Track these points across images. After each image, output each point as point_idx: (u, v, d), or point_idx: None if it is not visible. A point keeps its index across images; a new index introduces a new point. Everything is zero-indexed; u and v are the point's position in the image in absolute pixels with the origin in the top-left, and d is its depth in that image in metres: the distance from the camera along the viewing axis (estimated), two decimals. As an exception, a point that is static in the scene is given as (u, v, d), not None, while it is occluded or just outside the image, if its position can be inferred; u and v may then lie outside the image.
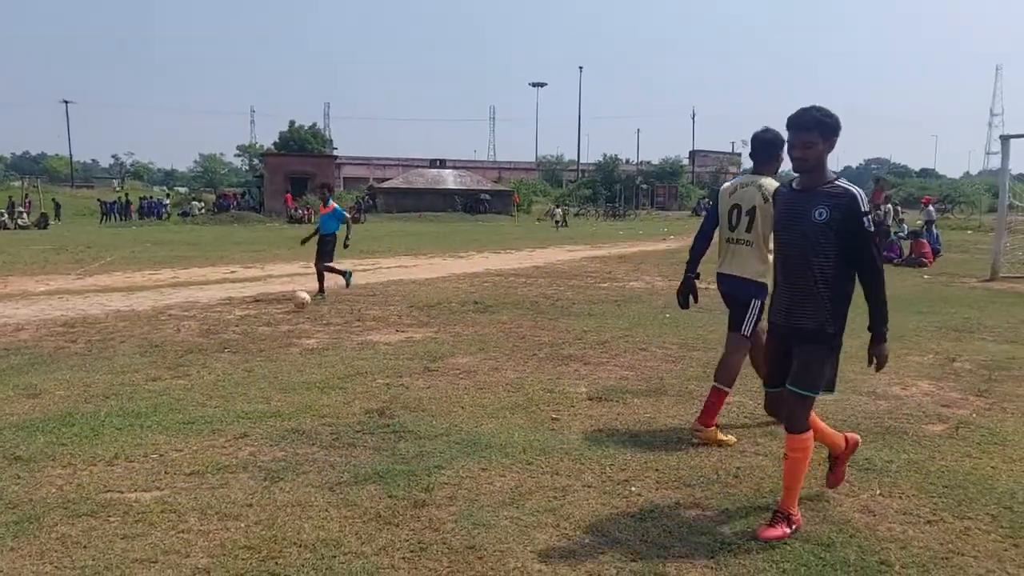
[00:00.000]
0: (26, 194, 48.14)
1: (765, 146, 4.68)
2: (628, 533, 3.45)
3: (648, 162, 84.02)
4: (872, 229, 3.35)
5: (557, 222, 40.02)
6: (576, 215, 53.20)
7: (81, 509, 3.59)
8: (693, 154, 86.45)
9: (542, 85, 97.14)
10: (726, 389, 4.82)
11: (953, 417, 5.23)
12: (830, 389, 3.55)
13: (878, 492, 3.91)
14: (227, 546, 3.24)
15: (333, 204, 12.10)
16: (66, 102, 77.88)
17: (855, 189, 3.36)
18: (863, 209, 3.33)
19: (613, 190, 65.89)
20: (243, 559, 3.13)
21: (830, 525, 3.51)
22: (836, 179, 3.41)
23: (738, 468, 4.25)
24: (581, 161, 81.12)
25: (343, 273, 12.12)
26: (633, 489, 3.95)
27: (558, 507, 3.71)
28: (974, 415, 5.29)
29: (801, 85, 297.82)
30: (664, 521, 3.57)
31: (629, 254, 20.92)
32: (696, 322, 9.17)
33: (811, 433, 3.54)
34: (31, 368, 6.68)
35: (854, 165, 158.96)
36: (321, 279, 11.65)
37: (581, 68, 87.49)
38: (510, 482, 4.03)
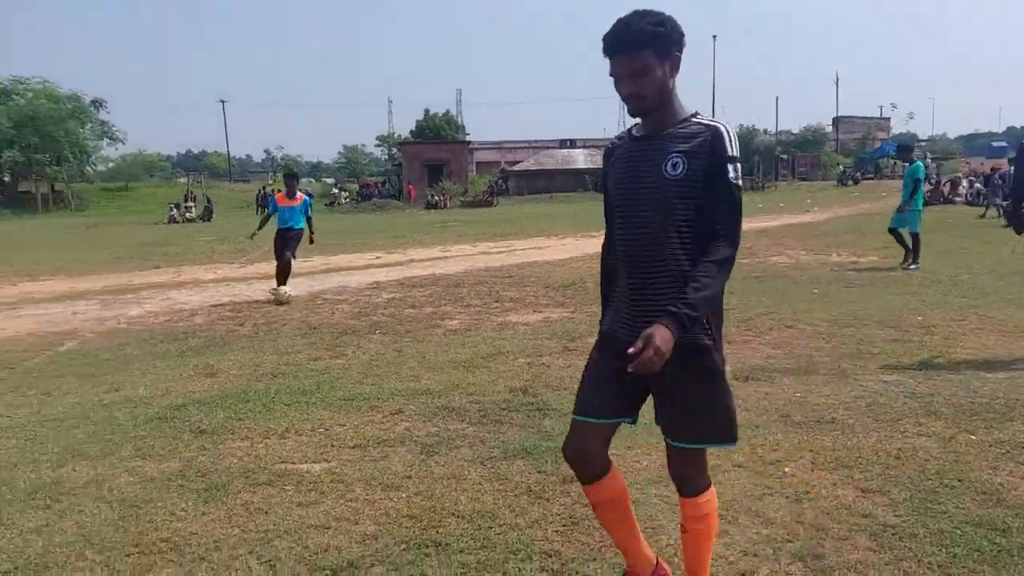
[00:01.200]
0: (190, 190, 52.05)
1: None
2: (783, 514, 3.37)
3: (788, 131, 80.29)
4: (738, 182, 2.31)
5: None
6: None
7: (260, 478, 3.89)
8: (837, 121, 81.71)
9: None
10: None
11: None
12: (727, 440, 2.52)
13: (1060, 476, 3.62)
14: (391, 515, 3.43)
15: (301, 196, 11.21)
16: (222, 101, 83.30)
17: (720, 124, 2.33)
18: (730, 153, 2.29)
19: (751, 162, 63.52)
20: (406, 527, 3.31)
21: (1006, 509, 3.29)
22: (693, 115, 2.37)
23: (899, 449, 4.04)
24: (715, 134, 78.56)
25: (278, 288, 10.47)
26: (787, 470, 3.85)
27: (708, 486, 3.66)
28: None
29: (954, 42, 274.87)
30: (820, 503, 3.46)
31: (770, 228, 20.15)
32: (846, 298, 8.77)
33: (712, 489, 2.58)
34: (207, 349, 7.27)
35: (1018, 125, 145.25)
36: (285, 273, 10.63)
37: (715, 37, 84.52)
38: (657, 460, 4.01)
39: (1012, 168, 12.89)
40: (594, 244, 17.64)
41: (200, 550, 3.14)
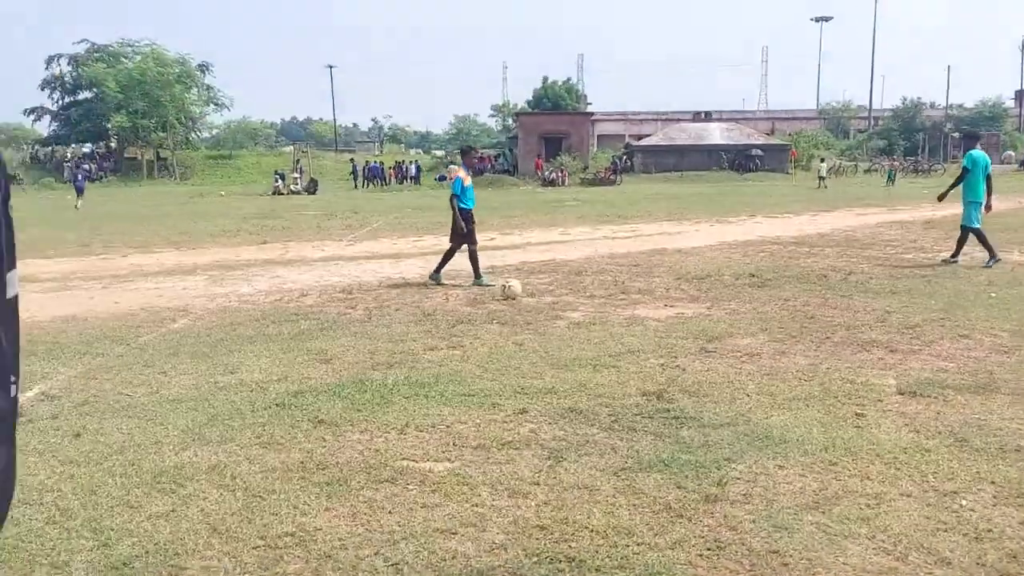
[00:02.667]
0: (297, 159, 54.25)
1: None
2: (960, 554, 3.25)
3: (960, 105, 75.78)
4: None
5: (822, 178, 38.22)
6: (867, 171, 49.54)
7: (382, 475, 4.08)
8: (1021, 94, 76.40)
9: (827, 19, 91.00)
10: None
11: None
12: None
13: None
14: (520, 524, 3.53)
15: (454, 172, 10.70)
16: (330, 67, 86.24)
17: None
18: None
19: (914, 140, 60.39)
20: (537, 539, 3.39)
21: None
22: None
23: (1102, 489, 3.81)
24: (874, 107, 75.13)
25: None
26: (964, 503, 3.70)
27: (872, 516, 3.58)
28: None
29: None
30: (1006, 544, 3.31)
31: (937, 219, 19.12)
32: (1033, 304, 8.26)
33: None
34: (319, 333, 7.62)
35: None
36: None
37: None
38: (812, 483, 3.95)
39: None
40: (732, 231, 17.32)
41: (326, 547, 3.33)
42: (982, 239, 11.52)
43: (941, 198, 12.69)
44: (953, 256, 11.71)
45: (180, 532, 3.48)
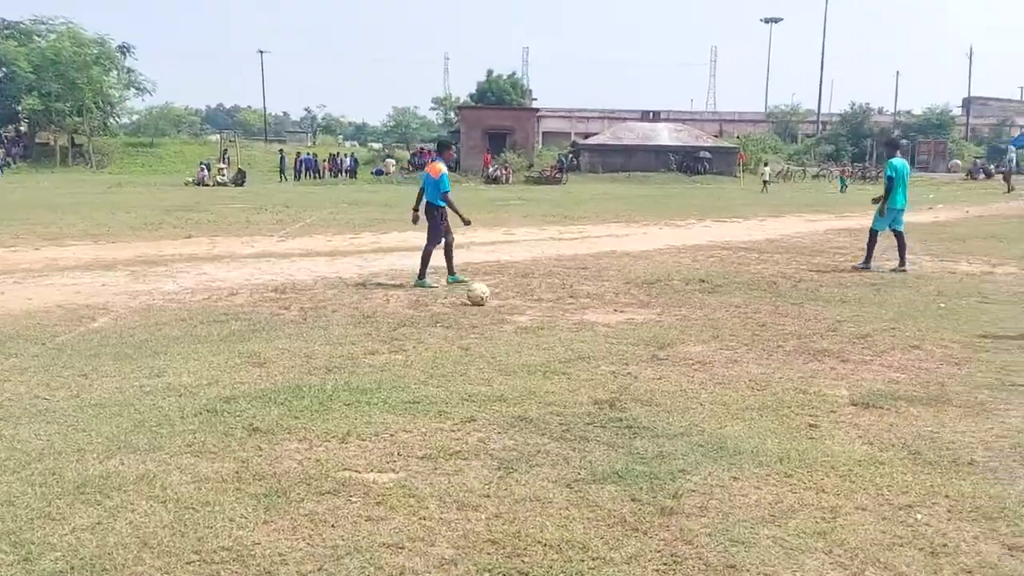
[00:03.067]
0: (225, 149, 53.28)
1: None
2: (916, 568, 3.35)
3: (908, 112, 78.26)
4: None
5: (765, 182, 39.40)
6: (815, 176, 50.78)
7: (323, 486, 4.04)
8: (968, 102, 79.29)
9: (776, 21, 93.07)
10: None
11: None
12: None
13: None
14: (470, 538, 3.53)
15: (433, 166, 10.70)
16: (261, 52, 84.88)
17: None
18: None
19: (862, 146, 62.11)
20: (488, 553, 3.40)
21: None
22: None
23: (1053, 502, 3.97)
24: (822, 111, 77.04)
25: None
26: (919, 517, 3.82)
27: (828, 530, 3.67)
28: None
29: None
30: (961, 559, 3.43)
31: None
32: (981, 315, 8.59)
33: None
34: (252, 335, 7.50)
35: None
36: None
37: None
38: (768, 496, 4.04)
39: None
40: (681, 234, 17.58)
41: (265, 563, 3.28)
42: (870, 243, 12.36)
43: (881, 211, 12.87)
44: (901, 265, 12.12)
45: (107, 546, 3.38)
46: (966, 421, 5.21)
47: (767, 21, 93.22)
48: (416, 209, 11.11)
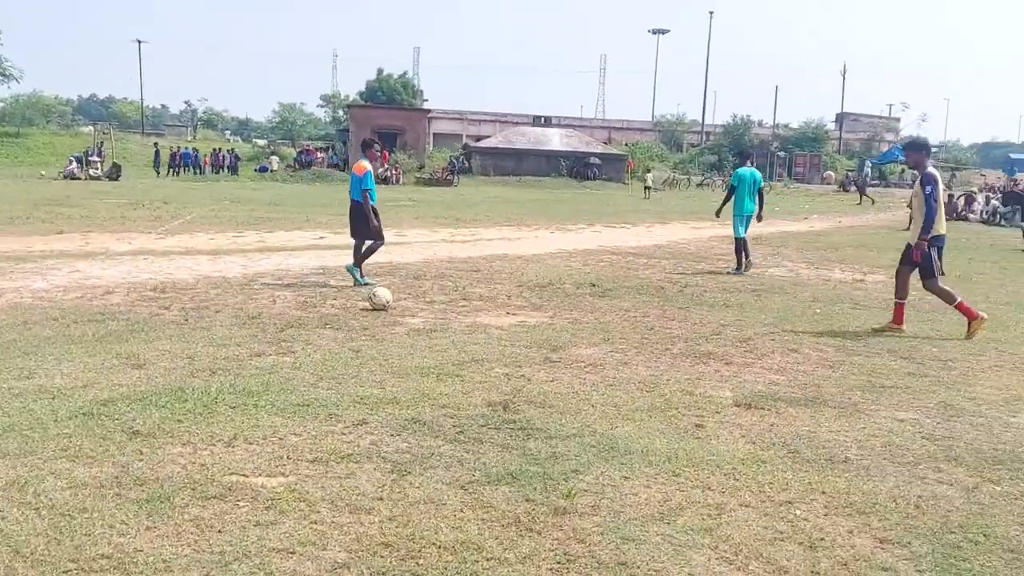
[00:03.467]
0: (100, 142, 50.94)
1: None
2: (796, 562, 3.52)
3: (786, 125, 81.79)
4: None
5: (647, 188, 40.62)
6: (699, 185, 52.44)
7: (209, 491, 3.92)
8: (841, 117, 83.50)
9: (664, 32, 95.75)
10: None
11: None
12: None
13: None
14: (363, 541, 3.50)
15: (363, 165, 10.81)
16: (139, 42, 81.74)
17: None
18: None
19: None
20: (382, 556, 3.37)
21: (1036, 571, 3.49)
22: None
23: (919, 497, 4.23)
24: (707, 122, 79.67)
25: None
26: (798, 513, 4.01)
27: (714, 527, 3.81)
28: None
29: (972, 40, 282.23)
30: (837, 552, 3.62)
31: (765, 235, 20.55)
32: (853, 320, 9.05)
33: None
34: (130, 336, 7.21)
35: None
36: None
37: (712, 13, 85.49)
38: (657, 494, 4.16)
39: None
40: (572, 239, 17.85)
41: (148, 570, 3.16)
42: (739, 248, 13.28)
43: (717, 214, 14.35)
44: (738, 267, 13.16)
45: (-28, 558, 3.20)
46: (840, 421, 5.49)
47: (655, 32, 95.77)
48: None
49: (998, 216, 26.80)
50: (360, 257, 10.72)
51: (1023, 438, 5.22)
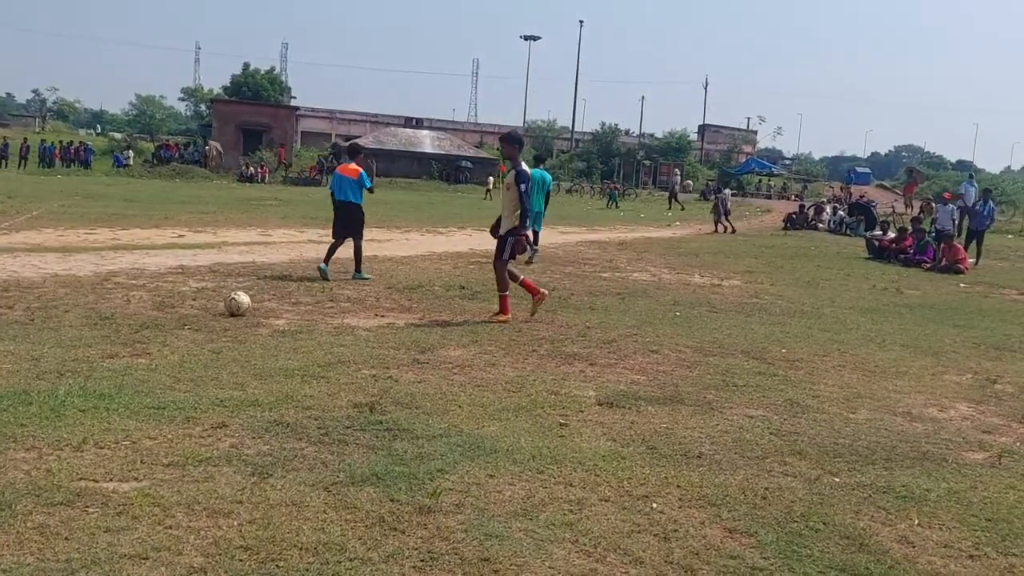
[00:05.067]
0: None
1: None
2: (651, 553, 3.67)
3: (652, 135, 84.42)
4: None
5: (488, 190, 41.26)
6: (569, 191, 53.44)
7: (55, 497, 3.74)
8: (703, 129, 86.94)
9: (535, 39, 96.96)
10: None
11: (995, 445, 5.52)
12: None
13: (916, 523, 4.17)
14: (221, 545, 3.42)
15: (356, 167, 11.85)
16: (-19, 24, 76.54)
17: None
18: None
19: (611, 164, 66.19)
20: (240, 560, 3.31)
21: (867, 555, 3.76)
22: None
23: (766, 489, 4.49)
24: (576, 129, 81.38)
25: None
26: (654, 506, 4.18)
27: (575, 521, 3.92)
28: (1018, 444, 5.59)
29: (825, 59, 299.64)
30: (689, 542, 3.79)
31: (630, 240, 21.21)
32: (710, 323, 9.45)
33: None
34: (-33, 336, 6.77)
35: (883, 152, 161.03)
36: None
37: (582, 22, 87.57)
38: (520, 491, 4.25)
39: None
40: (443, 242, 17.86)
41: (-14, 582, 3.00)
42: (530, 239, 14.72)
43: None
44: (530, 258, 14.27)
45: None
46: (696, 418, 5.74)
47: (527, 39, 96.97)
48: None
49: (844, 226, 28.49)
50: (361, 256, 11.61)
51: (861, 433, 5.60)
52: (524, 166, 8.92)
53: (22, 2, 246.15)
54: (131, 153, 49.37)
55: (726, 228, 25.89)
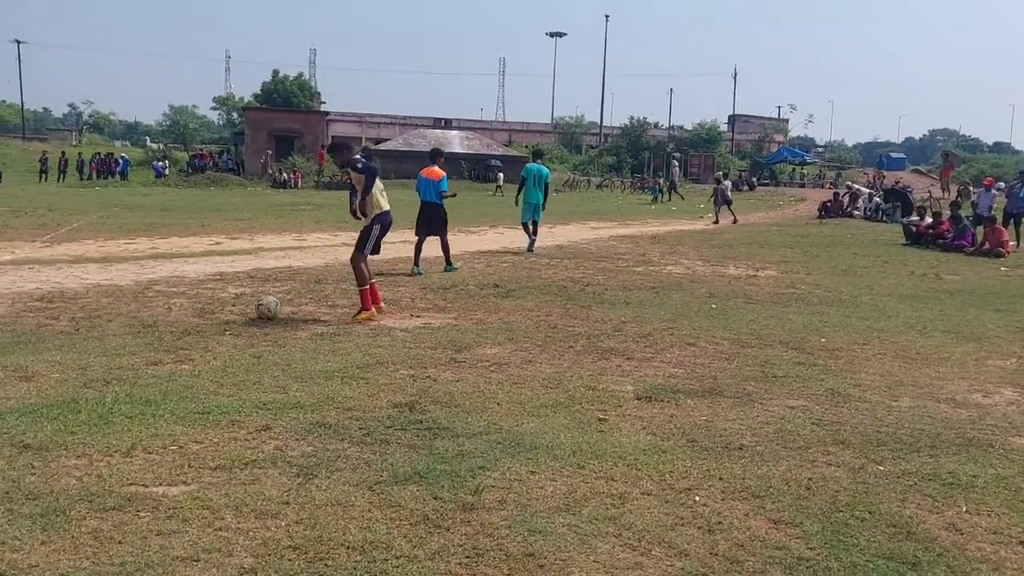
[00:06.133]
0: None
1: None
2: (696, 545, 3.66)
3: (681, 127, 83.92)
4: None
5: (499, 187, 41.11)
6: (599, 186, 53.29)
7: (107, 503, 3.82)
8: (733, 119, 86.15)
9: (561, 35, 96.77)
10: None
11: (1042, 429, 5.43)
12: None
13: (964, 509, 4.12)
14: (270, 546, 3.47)
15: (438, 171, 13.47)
16: (18, 42, 78.13)
17: None
18: None
19: (640, 158, 65.85)
20: (290, 560, 3.36)
21: (915, 543, 3.72)
22: None
23: (809, 479, 4.46)
24: (604, 124, 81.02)
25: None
26: (697, 499, 4.17)
27: (618, 515, 3.93)
28: (1065, 428, 5.49)
29: (857, 44, 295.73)
30: (734, 534, 3.78)
31: (663, 234, 21.08)
32: (747, 314, 9.39)
33: None
34: (16, 347, 6.92)
35: (917, 136, 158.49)
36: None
37: (607, 17, 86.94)
38: (562, 487, 4.26)
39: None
40: (476, 241, 17.89)
41: (45, 585, 3.07)
42: (526, 230, 16.01)
43: (516, 202, 16.33)
44: (529, 248, 15.55)
45: None
46: (736, 410, 5.71)
47: (552, 35, 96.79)
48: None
49: (880, 212, 28.09)
50: (448, 251, 13.01)
51: (904, 421, 5.54)
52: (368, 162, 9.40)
53: (55, 20, 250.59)
54: (167, 162, 50.05)
55: (730, 218, 25.20)
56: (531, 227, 15.95)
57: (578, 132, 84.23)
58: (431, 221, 12.99)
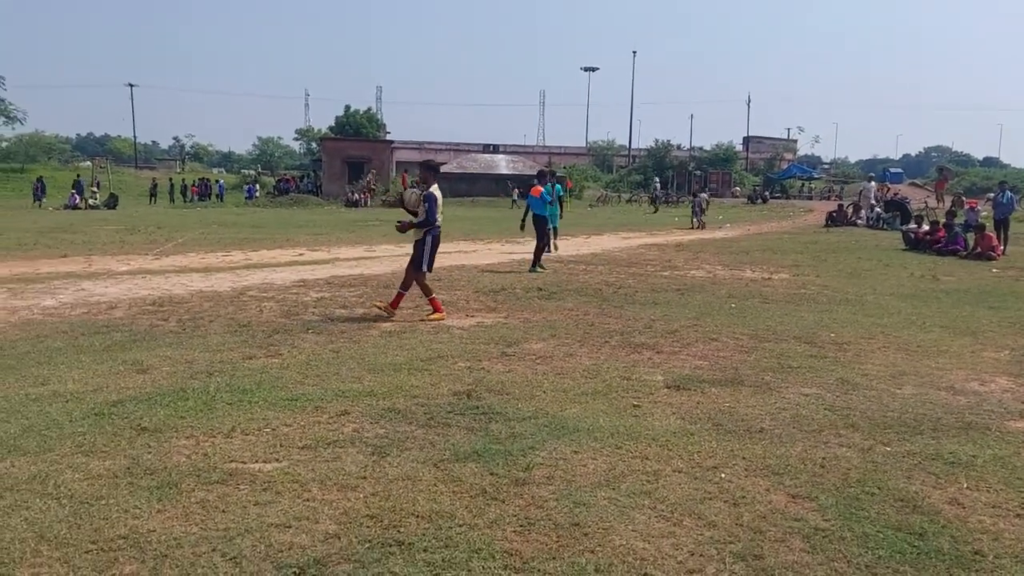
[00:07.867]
0: (95, 175, 49.76)
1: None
2: (723, 517, 3.61)
3: (701, 148, 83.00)
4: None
5: (514, 200, 40.52)
6: (628, 201, 52.98)
7: (212, 477, 3.89)
8: (747, 140, 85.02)
9: (594, 69, 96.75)
10: None
11: (1035, 414, 5.25)
12: None
13: (965, 485, 4.00)
14: (351, 514, 3.50)
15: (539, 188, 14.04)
16: (131, 85, 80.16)
17: None
18: None
19: (664, 176, 65.29)
20: (367, 527, 3.38)
21: (921, 516, 3.63)
22: None
23: (823, 459, 4.36)
24: (633, 146, 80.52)
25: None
26: (722, 476, 4.10)
27: (652, 490, 3.89)
28: (1056, 413, 5.30)
29: (857, 68, 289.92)
30: (756, 507, 3.72)
31: (686, 242, 20.85)
32: (763, 313, 9.24)
33: None
34: (133, 345, 7.08)
35: (913, 153, 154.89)
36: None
37: (635, 52, 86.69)
38: (602, 465, 4.23)
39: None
40: (519, 250, 17.88)
41: (161, 547, 3.14)
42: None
43: (522, 228, 15.34)
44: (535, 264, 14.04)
45: (3, 542, 3.13)
46: (756, 397, 5.62)
47: (586, 70, 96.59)
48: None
49: (881, 221, 27.47)
50: (539, 255, 13.65)
51: (908, 406, 5.40)
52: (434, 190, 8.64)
53: (162, 66, 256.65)
54: (257, 186, 50.95)
55: (701, 226, 26.97)
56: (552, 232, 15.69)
57: (609, 154, 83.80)
58: (535, 229, 13.92)
